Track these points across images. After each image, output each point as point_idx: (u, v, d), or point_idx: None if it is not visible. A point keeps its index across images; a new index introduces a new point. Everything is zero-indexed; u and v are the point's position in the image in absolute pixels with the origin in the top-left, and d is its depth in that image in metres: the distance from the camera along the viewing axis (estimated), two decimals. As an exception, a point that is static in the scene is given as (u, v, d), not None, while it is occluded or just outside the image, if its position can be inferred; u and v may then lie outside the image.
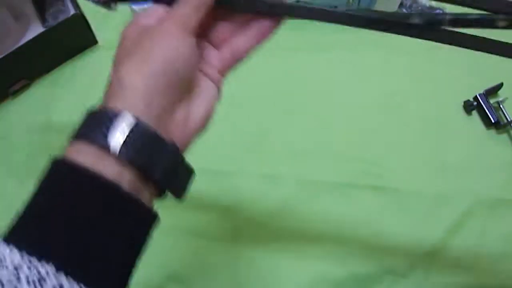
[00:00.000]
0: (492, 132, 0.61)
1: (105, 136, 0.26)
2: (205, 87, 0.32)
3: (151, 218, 0.28)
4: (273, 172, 0.58)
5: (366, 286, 0.52)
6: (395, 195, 0.56)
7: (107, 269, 0.25)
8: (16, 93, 0.67)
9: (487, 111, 0.60)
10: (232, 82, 0.68)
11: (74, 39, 0.68)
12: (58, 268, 0.23)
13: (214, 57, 0.33)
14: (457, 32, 0.31)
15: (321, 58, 0.67)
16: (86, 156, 0.26)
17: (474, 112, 0.62)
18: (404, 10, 0.67)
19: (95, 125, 0.26)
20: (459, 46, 0.31)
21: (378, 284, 0.52)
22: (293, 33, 0.69)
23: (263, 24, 0.33)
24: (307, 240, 0.54)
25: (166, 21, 0.29)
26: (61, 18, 0.64)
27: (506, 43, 0.31)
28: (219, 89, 0.33)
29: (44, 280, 0.22)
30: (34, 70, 0.68)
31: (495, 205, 0.55)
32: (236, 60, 0.34)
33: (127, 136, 0.26)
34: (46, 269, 0.23)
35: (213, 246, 0.55)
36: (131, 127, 0.26)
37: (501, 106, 0.61)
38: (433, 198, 0.56)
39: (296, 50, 0.68)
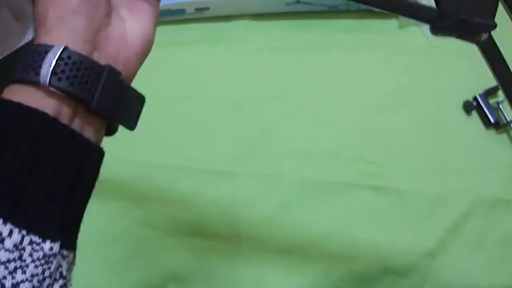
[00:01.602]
0: (492, 132, 0.61)
1: (34, 71, 0.25)
2: (138, 7, 0.30)
3: (94, 154, 0.26)
4: (274, 172, 0.58)
5: (366, 286, 0.52)
6: (395, 195, 0.56)
7: (47, 210, 0.23)
8: (16, 93, 0.67)
9: (486, 111, 0.60)
10: (233, 84, 0.68)
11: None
12: None
13: None
14: None
15: (321, 58, 0.67)
16: (19, 95, 0.25)
17: (474, 112, 0.62)
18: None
19: (23, 64, 0.25)
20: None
21: (378, 284, 0.52)
22: (293, 33, 0.69)
23: None
24: (307, 240, 0.54)
25: None
26: (61, 18, 0.64)
27: None
28: (154, 8, 0.31)
29: None
30: (34, 70, 0.68)
31: (494, 205, 0.55)
32: None
33: (55, 66, 0.25)
34: None
35: (213, 246, 0.55)
36: (58, 56, 0.25)
37: (500, 106, 0.61)
38: (433, 198, 0.56)
39: (296, 51, 0.68)
